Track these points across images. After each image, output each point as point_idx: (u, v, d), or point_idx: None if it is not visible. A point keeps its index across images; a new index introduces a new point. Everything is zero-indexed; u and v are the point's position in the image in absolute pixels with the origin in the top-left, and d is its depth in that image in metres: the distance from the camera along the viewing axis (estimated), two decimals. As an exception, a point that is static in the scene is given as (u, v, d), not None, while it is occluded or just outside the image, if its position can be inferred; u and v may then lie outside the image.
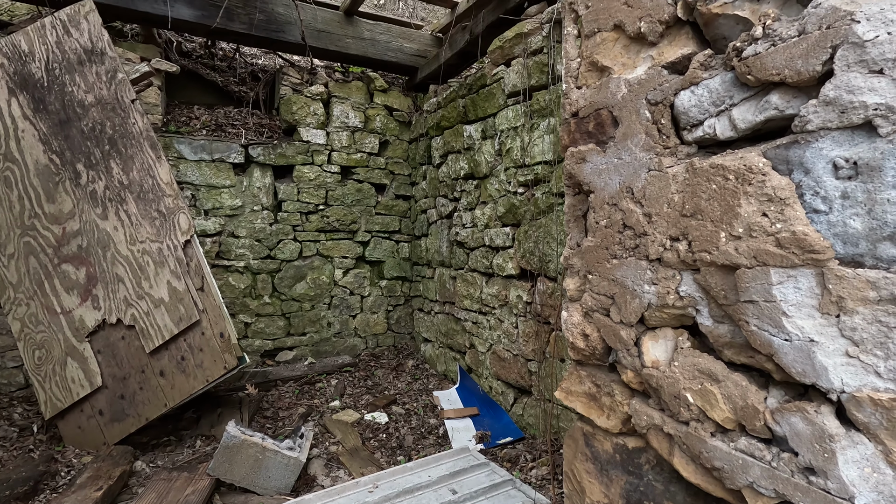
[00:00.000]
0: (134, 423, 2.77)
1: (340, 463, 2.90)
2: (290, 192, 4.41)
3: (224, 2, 3.95)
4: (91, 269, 2.90)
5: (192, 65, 4.52)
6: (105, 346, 2.83)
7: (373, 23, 4.70)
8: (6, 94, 3.08)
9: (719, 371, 0.75)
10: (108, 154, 3.01)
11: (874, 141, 0.58)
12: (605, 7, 0.92)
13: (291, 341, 4.50)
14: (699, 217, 0.75)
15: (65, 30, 3.14)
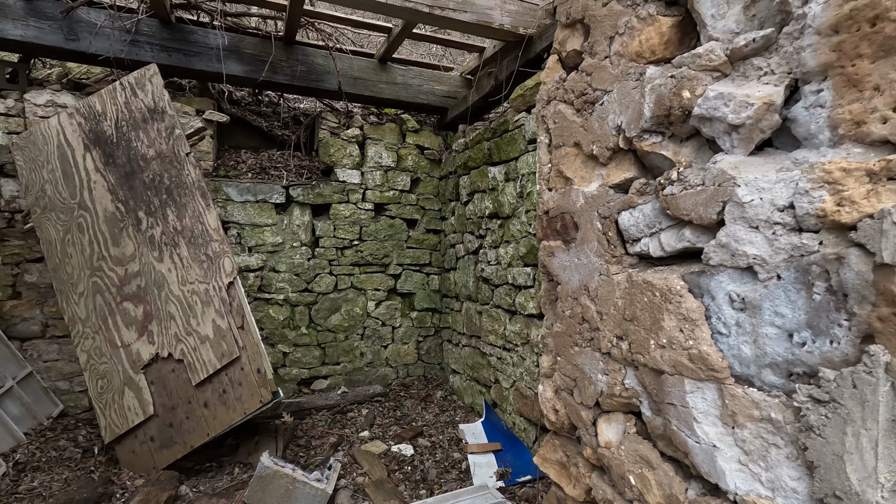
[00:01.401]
0: (180, 450, 3.03)
1: (366, 495, 3.04)
2: (326, 229, 4.69)
3: (269, 57, 4.33)
4: (147, 307, 3.22)
5: (241, 112, 4.93)
6: (157, 378, 3.12)
7: (405, 68, 4.98)
8: (82, 150, 3.50)
9: (654, 459, 0.85)
10: (165, 202, 3.36)
11: (755, 284, 0.69)
12: (568, 126, 1.06)
13: (326, 370, 4.72)
14: (636, 323, 0.87)
15: (132, 91, 3.55)
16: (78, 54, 3.90)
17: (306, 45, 4.57)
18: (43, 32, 3.73)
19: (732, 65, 0.73)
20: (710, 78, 0.75)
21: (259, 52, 4.33)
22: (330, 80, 4.59)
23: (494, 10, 3.49)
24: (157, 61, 4.00)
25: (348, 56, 4.71)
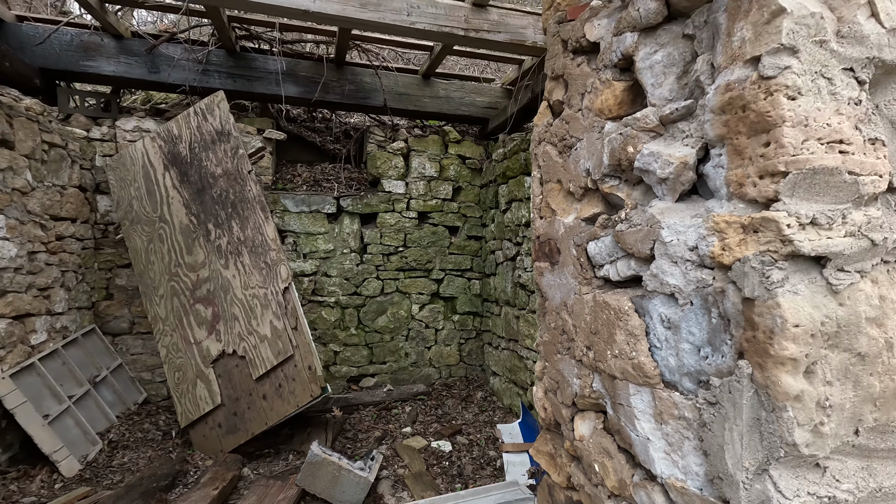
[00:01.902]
0: (243, 437, 3.41)
1: (405, 485, 3.28)
2: (373, 237, 5.01)
3: (322, 78, 4.70)
4: (216, 308, 3.64)
5: (297, 129, 5.35)
6: (223, 372, 3.52)
7: (447, 82, 5.22)
8: (162, 169, 3.99)
9: (612, 450, 1.01)
10: (230, 215, 3.77)
11: (676, 308, 0.84)
12: (552, 165, 1.24)
13: (373, 369, 5.03)
14: (598, 336, 1.03)
15: (203, 116, 4.00)
16: (159, 84, 4.43)
17: (355, 66, 4.91)
18: (131, 67, 4.28)
19: (665, 127, 0.89)
20: (648, 137, 0.91)
21: (312, 74, 4.71)
22: (377, 96, 4.91)
23: (528, 29, 3.64)
24: (224, 87, 4.46)
25: (394, 73, 5.01)
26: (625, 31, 0.95)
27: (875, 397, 0.68)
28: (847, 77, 0.67)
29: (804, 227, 0.65)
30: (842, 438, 0.68)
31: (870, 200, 0.68)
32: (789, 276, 0.65)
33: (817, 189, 0.66)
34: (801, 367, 0.65)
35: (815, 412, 0.66)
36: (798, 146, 0.65)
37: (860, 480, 0.69)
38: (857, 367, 0.67)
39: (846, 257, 0.66)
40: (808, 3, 0.66)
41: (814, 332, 0.65)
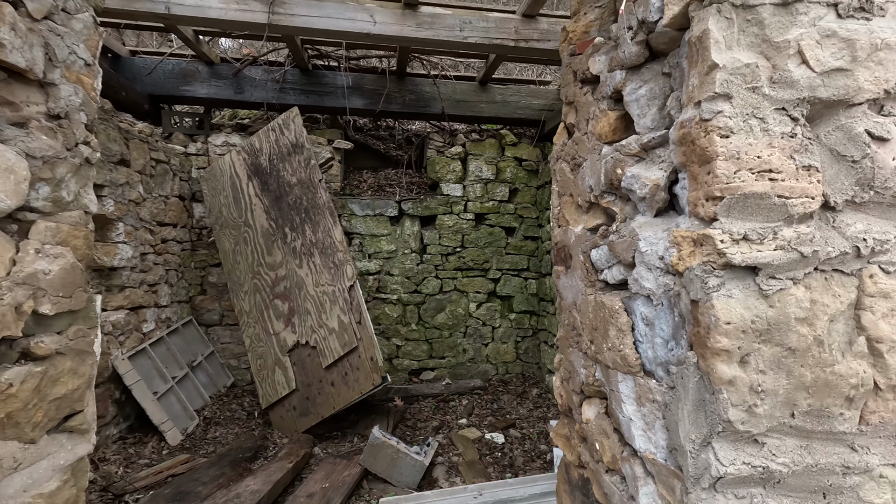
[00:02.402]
0: (314, 419, 3.80)
1: (458, 471, 3.51)
2: (433, 238, 5.28)
3: (385, 90, 5.04)
4: (291, 304, 4.07)
5: (363, 138, 5.75)
6: (298, 361, 3.94)
7: (503, 86, 5.37)
8: (247, 179, 4.49)
9: (609, 431, 1.16)
10: (304, 220, 4.19)
11: (652, 307, 0.97)
12: (566, 181, 1.40)
13: (433, 363, 5.31)
14: (597, 331, 1.19)
15: (280, 131, 4.46)
16: (243, 103, 4.98)
17: (415, 76, 5.20)
18: (220, 89, 4.85)
19: (647, 152, 1.03)
20: (632, 161, 1.05)
21: (376, 87, 5.06)
22: (435, 104, 5.17)
23: (578, 34, 3.71)
24: (298, 103, 4.92)
25: (452, 81, 5.25)
26: (615, 68, 1.10)
27: (807, 386, 0.80)
28: (780, 115, 0.79)
29: (737, 241, 0.78)
30: (778, 420, 0.80)
31: (803, 218, 0.79)
32: (725, 283, 0.79)
33: (750, 210, 0.79)
34: (735, 357, 0.78)
35: (749, 395, 0.79)
36: (731, 176, 0.78)
37: (797, 456, 0.81)
38: (788, 359, 0.79)
39: (776, 267, 0.78)
40: (742, 55, 0.79)
41: (744, 328, 0.78)
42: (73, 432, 1.29)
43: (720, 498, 0.80)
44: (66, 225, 1.22)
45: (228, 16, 3.29)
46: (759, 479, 0.80)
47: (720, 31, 0.78)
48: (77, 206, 1.27)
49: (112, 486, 2.94)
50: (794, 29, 0.78)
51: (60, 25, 1.22)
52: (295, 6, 3.35)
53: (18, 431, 1.12)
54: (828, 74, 0.79)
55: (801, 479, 0.81)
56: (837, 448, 0.82)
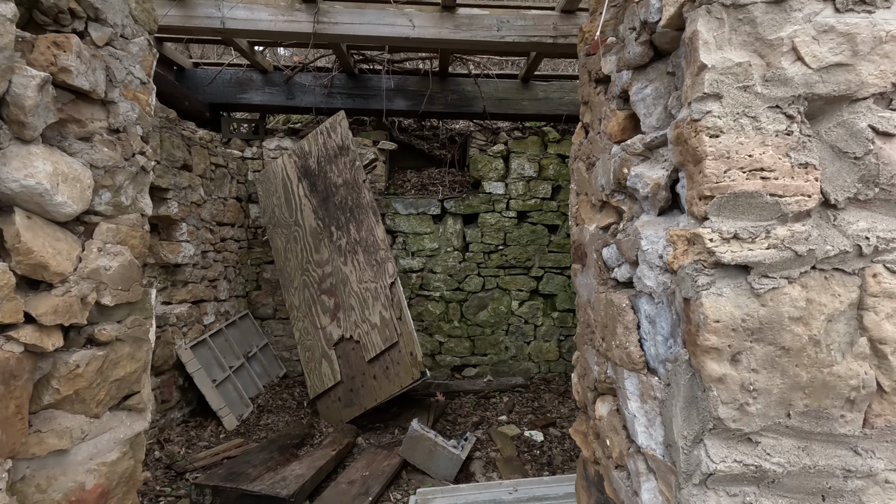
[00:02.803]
0: (357, 410, 3.96)
1: (495, 467, 3.55)
2: (475, 236, 5.33)
3: (427, 91, 5.14)
4: (337, 299, 4.25)
5: (407, 138, 5.88)
6: (342, 354, 4.11)
7: (546, 83, 5.33)
8: (297, 181, 4.73)
9: (618, 427, 1.17)
10: (349, 219, 4.36)
11: (654, 305, 0.98)
12: (582, 180, 1.41)
13: (475, 360, 5.36)
14: (608, 328, 1.20)
15: (327, 134, 4.65)
16: (294, 108, 5.23)
17: (457, 76, 5.26)
18: (273, 96, 5.12)
19: (651, 152, 1.04)
20: (638, 160, 1.06)
21: (419, 88, 5.17)
22: (477, 104, 5.21)
23: (619, 28, 3.63)
24: (344, 106, 5.11)
25: (494, 80, 5.27)
26: (623, 69, 1.11)
27: (803, 386, 0.79)
28: (774, 113, 0.78)
29: (727, 240, 0.78)
30: (772, 419, 0.80)
31: (799, 217, 0.78)
32: (716, 281, 0.79)
33: (741, 209, 0.79)
34: (725, 355, 0.79)
35: (740, 393, 0.79)
36: (720, 175, 0.78)
37: (793, 457, 0.80)
38: (782, 358, 0.78)
39: (768, 266, 0.78)
40: (734, 55, 0.79)
41: (735, 327, 0.78)
42: (131, 410, 1.45)
43: (711, 495, 0.81)
44: (124, 226, 1.37)
45: (277, 27, 3.49)
46: (751, 477, 0.80)
47: (710, 31, 0.79)
48: (134, 209, 1.42)
49: (175, 464, 3.22)
50: (788, 26, 0.77)
51: (119, 50, 1.37)
52: (338, 14, 3.50)
53: (85, 407, 1.28)
54: (826, 70, 0.78)
55: (798, 480, 0.80)
56: (839, 451, 0.80)
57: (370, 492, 2.96)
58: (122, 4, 1.37)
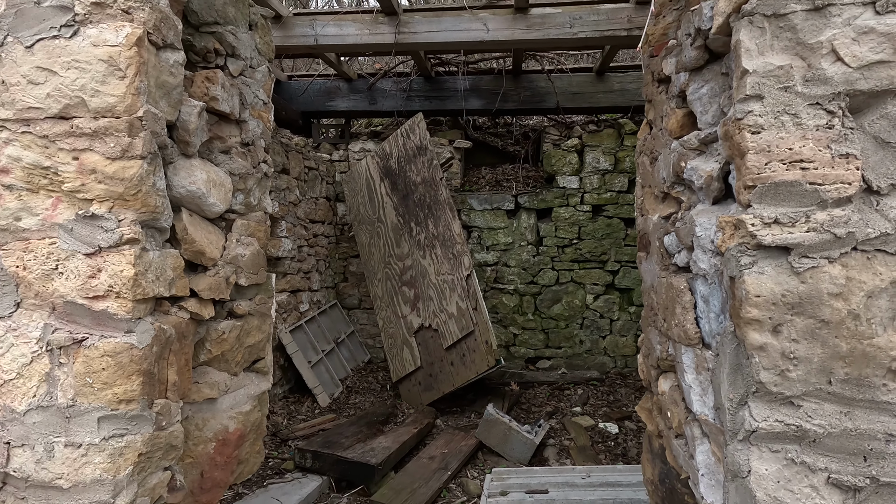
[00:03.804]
0: (436, 394, 4.22)
1: (569, 454, 3.64)
2: (549, 230, 5.39)
3: (501, 89, 5.28)
4: (416, 290, 4.54)
5: (482, 136, 6.05)
6: (422, 341, 4.40)
7: (622, 74, 5.25)
8: (379, 181, 5.08)
9: (678, 400, 1.27)
10: (427, 215, 4.63)
11: (707, 285, 1.07)
12: (646, 173, 1.51)
13: (549, 352, 5.44)
14: (668, 309, 1.30)
15: (406, 136, 4.95)
16: (376, 112, 5.61)
17: (531, 73, 5.35)
18: (357, 102, 5.53)
19: (706, 146, 1.13)
20: (694, 154, 1.16)
21: (493, 87, 5.32)
22: (551, 99, 5.27)
23: (698, 15, 3.54)
24: (422, 108, 5.39)
25: (567, 74, 5.29)
26: (681, 70, 1.21)
27: (843, 355, 0.86)
28: (814, 110, 0.87)
29: (768, 224, 0.88)
30: (814, 385, 0.88)
31: (839, 203, 0.86)
32: (758, 261, 0.89)
33: (782, 196, 0.88)
34: (766, 326, 0.89)
35: (780, 360, 0.88)
36: (762, 167, 0.88)
37: (834, 420, 0.88)
38: (822, 330, 0.87)
39: (808, 247, 0.86)
40: (776, 59, 0.88)
41: (774, 301, 0.88)
42: (258, 372, 1.78)
43: (754, 450, 0.91)
44: (253, 222, 1.69)
45: (363, 40, 3.82)
46: (792, 436, 0.89)
47: (752, 39, 0.89)
48: (259, 208, 1.74)
49: (279, 432, 3.67)
50: (828, 30, 0.85)
51: (248, 78, 1.68)
52: (416, 24, 3.75)
53: (227, 366, 1.61)
54: (867, 68, 0.85)
55: (839, 441, 0.88)
56: (882, 417, 0.87)
57: (449, 467, 3.20)
58: (250, 41, 1.67)
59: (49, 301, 1.19)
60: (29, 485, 1.17)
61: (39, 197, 1.19)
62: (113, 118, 1.16)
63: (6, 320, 1.20)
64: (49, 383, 1.18)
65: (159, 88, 1.27)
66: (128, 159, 1.18)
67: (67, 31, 1.15)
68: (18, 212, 1.20)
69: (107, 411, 1.17)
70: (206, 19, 1.53)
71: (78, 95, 1.16)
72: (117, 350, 1.17)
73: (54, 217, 1.20)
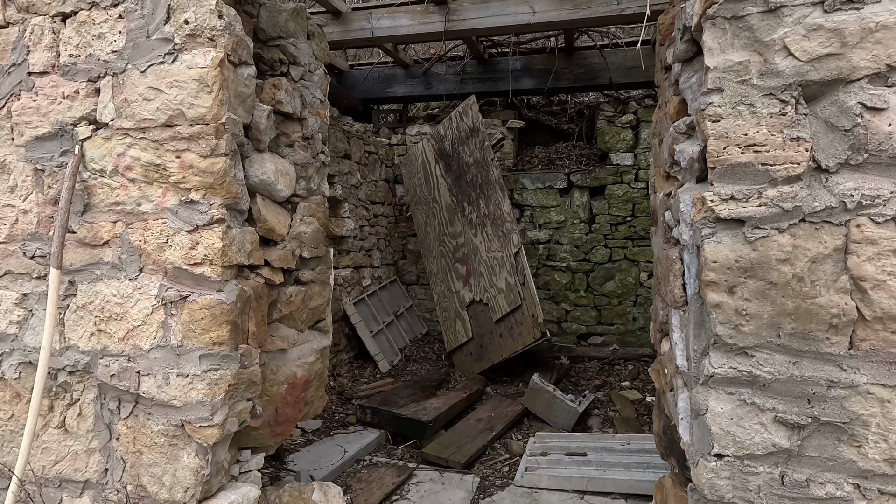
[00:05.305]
0: (486, 364, 4.49)
1: (612, 424, 3.78)
2: (601, 208, 5.41)
3: (553, 68, 5.31)
4: (468, 267, 4.79)
5: (535, 115, 6.11)
6: (473, 315, 4.66)
7: (682, 46, 5.08)
8: (434, 162, 5.34)
9: (673, 357, 1.43)
10: (478, 195, 4.83)
11: (690, 254, 1.22)
12: (656, 154, 1.63)
13: (601, 329, 5.52)
14: (665, 278, 1.45)
15: (460, 118, 5.15)
16: (431, 96, 5.83)
17: (584, 49, 5.32)
18: (413, 88, 5.78)
19: (692, 131, 1.26)
20: (683, 138, 1.29)
21: (545, 66, 5.35)
22: (605, 75, 5.22)
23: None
24: (476, 91, 5.54)
25: (622, 49, 5.21)
26: (676, 61, 1.34)
27: (789, 312, 0.99)
28: (769, 100, 0.99)
29: (725, 200, 1.02)
30: (764, 338, 1.03)
31: (789, 180, 0.99)
32: (717, 232, 1.04)
33: (738, 176, 1.02)
34: (722, 287, 1.04)
35: (734, 316, 1.03)
36: (720, 151, 1.02)
37: (782, 368, 1.02)
38: (771, 291, 1.00)
39: (759, 219, 1.00)
40: (735, 55, 1.01)
41: (729, 266, 1.02)
42: (320, 331, 2.11)
43: (712, 392, 1.08)
44: (313, 204, 2.00)
45: (415, 30, 4.04)
46: (744, 381, 1.05)
47: (714, 39, 1.02)
48: (319, 192, 2.04)
49: (344, 392, 4.11)
50: (781, 28, 0.97)
51: (307, 81, 1.97)
52: (465, 11, 3.91)
53: (295, 324, 1.94)
54: (818, 60, 0.96)
55: (786, 386, 1.02)
56: (826, 367, 1.00)
57: (494, 428, 3.46)
58: (308, 49, 1.96)
59: (162, 267, 1.56)
60: (154, 403, 1.56)
61: (153, 187, 1.56)
62: (203, 125, 1.49)
63: (134, 281, 1.58)
64: (164, 329, 1.55)
65: (237, 98, 1.58)
66: (215, 157, 1.50)
67: (169, 57, 1.48)
68: (139, 199, 1.57)
69: (205, 351, 1.52)
70: (272, 35, 1.83)
71: (178, 108, 1.49)
72: (211, 304, 1.52)
73: (164, 203, 1.56)
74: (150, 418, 1.57)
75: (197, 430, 1.52)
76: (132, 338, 1.58)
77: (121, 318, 1.58)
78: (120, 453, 1.60)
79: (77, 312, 1.63)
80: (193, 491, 1.53)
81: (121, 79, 1.54)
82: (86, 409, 1.63)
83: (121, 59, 1.53)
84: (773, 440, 1.02)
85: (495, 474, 3.10)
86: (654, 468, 2.92)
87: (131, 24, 1.52)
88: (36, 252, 1.66)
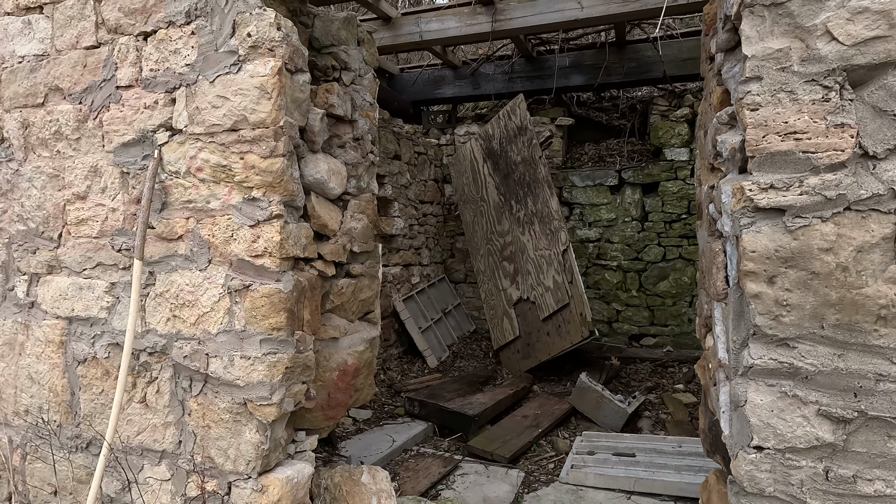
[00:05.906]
0: (533, 362, 4.48)
1: (664, 428, 3.68)
2: (654, 205, 5.25)
3: (604, 63, 5.22)
4: (516, 265, 4.80)
5: (585, 112, 6.02)
6: (520, 313, 4.66)
7: (742, 34, 4.85)
8: (482, 162, 5.39)
9: (716, 352, 1.41)
10: (526, 193, 4.83)
11: (731, 245, 1.21)
12: (701, 146, 1.61)
13: (654, 330, 5.35)
14: (708, 270, 1.44)
15: (507, 117, 5.17)
16: (480, 96, 5.88)
17: (636, 42, 5.19)
18: (461, 88, 5.85)
19: (734, 121, 1.25)
20: (725, 129, 1.27)
21: (595, 62, 5.27)
22: (658, 68, 5.07)
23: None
24: (524, 89, 5.54)
25: (677, 41, 5.04)
26: (719, 51, 1.33)
27: (833, 303, 0.97)
28: (811, 86, 0.97)
29: (765, 189, 1.01)
30: (807, 329, 1.00)
31: (832, 168, 0.96)
32: (756, 221, 1.03)
33: (778, 164, 1.00)
34: (760, 277, 1.02)
35: (774, 307, 1.02)
36: (759, 139, 1.01)
37: (826, 360, 0.99)
38: (813, 281, 0.98)
39: (800, 208, 0.98)
40: (775, 43, 1.00)
41: (769, 255, 1.01)
42: (369, 322, 2.22)
43: (751, 383, 1.06)
44: (363, 202, 2.11)
45: (462, 32, 4.11)
46: (785, 372, 1.03)
47: (752, 27, 1.01)
48: (368, 190, 2.15)
49: (393, 385, 4.24)
50: (823, 13, 0.95)
51: (357, 85, 2.09)
52: (512, 10, 3.93)
53: (346, 314, 2.06)
54: (863, 44, 0.93)
55: (830, 379, 1.00)
56: (875, 360, 0.97)
57: (540, 425, 3.47)
58: (359, 55, 2.07)
59: (228, 259, 1.72)
60: (220, 383, 1.72)
61: (220, 186, 1.71)
62: (264, 128, 1.63)
63: (203, 272, 1.75)
64: (229, 315, 1.71)
65: (293, 103, 1.71)
66: (274, 157, 1.64)
67: (234, 68, 1.63)
68: (208, 197, 1.74)
69: (265, 335, 1.66)
70: (325, 43, 1.96)
71: (242, 114, 1.64)
72: (271, 293, 1.66)
73: (230, 200, 1.71)
74: (217, 396, 1.73)
75: (257, 408, 1.66)
76: (202, 323, 1.75)
77: (192, 305, 1.75)
78: (191, 427, 1.77)
79: (155, 300, 1.82)
80: (254, 464, 1.67)
81: (193, 89, 1.71)
82: (163, 387, 1.81)
83: (193, 71, 1.70)
84: (816, 434, 1.00)
85: (540, 470, 3.11)
86: (706, 472, 2.83)
87: (202, 39, 1.68)
88: (122, 245, 1.87)
